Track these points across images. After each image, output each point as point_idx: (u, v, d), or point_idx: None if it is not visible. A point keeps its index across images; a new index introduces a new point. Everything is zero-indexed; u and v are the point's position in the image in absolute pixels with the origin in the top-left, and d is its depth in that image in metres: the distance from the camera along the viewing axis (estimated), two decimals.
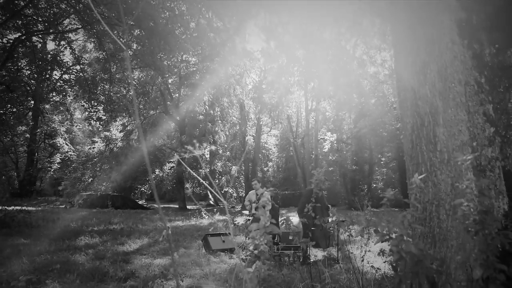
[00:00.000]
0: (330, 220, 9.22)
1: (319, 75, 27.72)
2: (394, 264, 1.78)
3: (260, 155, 34.82)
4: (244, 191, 35.53)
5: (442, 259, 2.08)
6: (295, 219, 11.29)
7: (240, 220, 16.37)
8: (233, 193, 40.05)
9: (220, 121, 29.03)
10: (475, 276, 1.61)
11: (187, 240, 10.98)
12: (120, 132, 34.40)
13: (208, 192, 34.67)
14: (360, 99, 32.63)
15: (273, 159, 47.15)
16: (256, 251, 1.83)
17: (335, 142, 37.06)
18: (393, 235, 1.82)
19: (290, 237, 8.39)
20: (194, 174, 2.20)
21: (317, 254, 8.56)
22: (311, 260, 7.93)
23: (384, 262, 4.40)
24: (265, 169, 45.39)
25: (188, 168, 2.14)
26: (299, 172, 37.17)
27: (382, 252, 4.14)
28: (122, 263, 7.28)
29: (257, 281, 1.78)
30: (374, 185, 40.90)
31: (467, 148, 2.89)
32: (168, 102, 26.78)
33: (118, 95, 17.31)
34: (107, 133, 35.25)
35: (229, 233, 8.86)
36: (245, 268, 4.78)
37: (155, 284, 5.45)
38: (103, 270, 6.36)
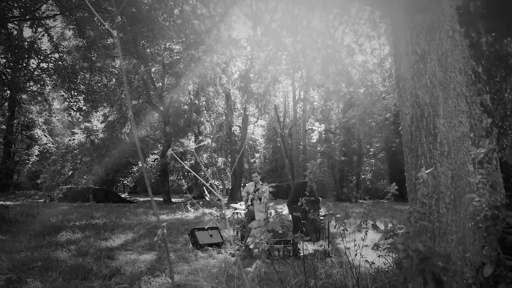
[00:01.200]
0: (322, 213, 9.25)
1: (308, 63, 27.70)
2: (398, 262, 1.76)
3: (246, 146, 34.76)
4: (230, 183, 35.50)
5: (448, 255, 2.06)
6: (284, 211, 11.31)
7: (228, 213, 16.37)
8: (219, 185, 39.96)
9: (205, 111, 28.83)
10: (485, 274, 1.59)
11: (173, 235, 10.92)
12: (101, 123, 33.98)
13: (203, 186, 34.54)
14: (349, 88, 32.73)
15: (260, 150, 47.19)
16: (256, 250, 1.78)
17: (323, 132, 37.24)
18: (398, 232, 1.79)
19: (280, 231, 8.41)
20: (189, 168, 2.14)
21: (307, 247, 8.58)
22: (302, 254, 7.95)
23: (379, 256, 4.40)
24: (252, 160, 45.40)
25: (183, 163, 2.07)
26: (287, 164, 37.26)
27: (376, 246, 4.14)
28: (106, 259, 7.18)
29: (258, 281, 1.74)
30: (363, 176, 41.31)
31: (467, 140, 2.88)
32: (151, 92, 26.45)
33: (99, 84, 16.99)
34: (88, 124, 34.80)
35: (221, 227, 8.81)
36: (234, 265, 4.73)
37: (142, 282, 5.38)
38: (87, 267, 6.25)
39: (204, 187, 34.64)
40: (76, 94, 16.15)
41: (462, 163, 2.81)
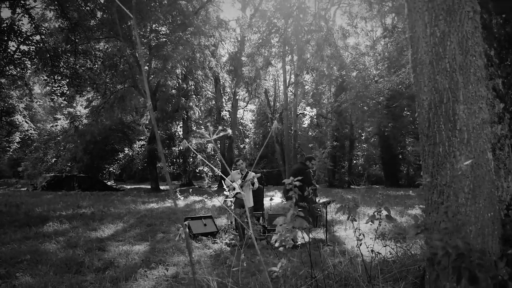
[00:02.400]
0: (318, 200, 9.24)
1: (300, 46, 27.54)
2: (430, 257, 1.70)
3: (236, 131, 34.58)
4: (220, 170, 35.41)
5: (483, 251, 2.00)
6: (276, 199, 11.30)
7: (219, 200, 16.31)
8: (209, 172, 39.80)
9: (194, 96, 28.53)
10: None
11: (165, 224, 10.83)
12: (85, 108, 33.45)
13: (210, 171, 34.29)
14: (341, 72, 32.64)
15: (249, 135, 47.03)
16: (281, 249, 1.70)
17: (314, 117, 37.22)
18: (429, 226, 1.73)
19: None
20: (202, 157, 2.04)
21: (303, 236, 8.55)
22: (299, 243, 7.93)
23: (385, 246, 4.38)
24: (242, 146, 45.28)
25: (199, 155, 1.97)
26: (278, 149, 37.29)
27: (382, 236, 4.12)
28: (97, 251, 7.08)
29: (284, 281, 1.66)
30: (355, 162, 41.56)
31: (487, 127, 2.82)
32: (137, 76, 26.05)
33: (84, 68, 16.62)
34: (71, 110, 34.24)
35: (230, 215, 8.75)
36: (232, 255, 4.66)
37: (138, 274, 5.30)
38: (78, 260, 6.15)
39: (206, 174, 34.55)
40: (59, 78, 15.79)
41: (482, 151, 2.75)
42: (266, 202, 10.68)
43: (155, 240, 8.40)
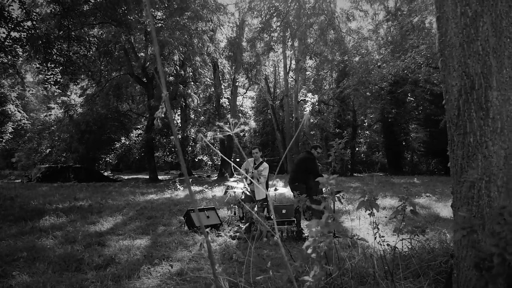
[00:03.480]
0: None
1: (303, 30, 27.20)
2: (476, 263, 1.56)
3: (236, 119, 34.36)
4: (219, 159, 35.24)
5: None
6: (281, 189, 11.15)
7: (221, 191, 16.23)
8: (208, 161, 39.73)
9: (192, 83, 28.23)
10: None
11: (166, 216, 10.71)
12: (79, 97, 33.20)
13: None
14: (343, 57, 32.34)
15: (249, 123, 46.80)
16: (314, 255, 1.55)
17: (316, 103, 36.95)
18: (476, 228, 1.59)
19: (283, 211, 8.25)
20: (219, 152, 1.88)
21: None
22: (306, 235, 7.83)
23: (402, 240, 4.23)
24: (241, 134, 45.09)
25: (213, 148, 1.81)
26: (278, 137, 37.14)
27: (397, 231, 3.98)
28: (97, 246, 6.96)
29: None
30: (357, 149, 41.45)
31: None
32: (133, 62, 25.76)
33: (78, 55, 16.33)
34: (65, 98, 33.98)
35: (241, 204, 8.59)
36: (237, 249, 4.53)
37: (141, 271, 5.18)
38: (77, 256, 6.02)
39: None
40: (52, 65, 15.53)
41: None
42: (271, 192, 10.55)
43: (157, 234, 8.28)
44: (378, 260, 4.11)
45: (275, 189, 9.81)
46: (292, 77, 35.80)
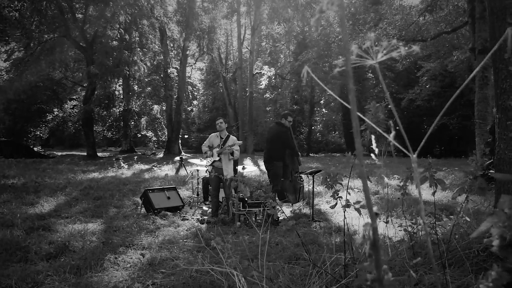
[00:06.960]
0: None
1: None
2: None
3: (184, 93, 33.40)
4: (166, 135, 34.23)
5: None
6: (249, 167, 10.79)
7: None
8: (153, 136, 38.45)
9: (139, 49, 26.86)
10: None
11: (116, 197, 10.04)
12: (4, 61, 30.89)
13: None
14: (303, 28, 32.12)
15: (198, 96, 45.68)
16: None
17: (272, 77, 36.63)
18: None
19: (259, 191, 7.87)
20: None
21: (284, 210, 8.13)
22: (280, 218, 7.51)
23: (402, 230, 3.95)
24: (189, 108, 43.96)
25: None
26: (230, 112, 36.64)
27: (403, 228, 3.73)
28: (41, 231, 6.26)
29: None
30: (313, 127, 41.78)
31: None
32: (70, 24, 24.07)
33: (9, 8, 14.91)
34: None
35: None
36: (218, 236, 4.10)
37: (105, 262, 4.62)
38: (21, 244, 5.32)
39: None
40: None
41: None
42: (239, 170, 10.13)
43: (109, 217, 7.68)
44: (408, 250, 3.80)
45: (243, 167, 9.41)
46: (247, 48, 35.14)
